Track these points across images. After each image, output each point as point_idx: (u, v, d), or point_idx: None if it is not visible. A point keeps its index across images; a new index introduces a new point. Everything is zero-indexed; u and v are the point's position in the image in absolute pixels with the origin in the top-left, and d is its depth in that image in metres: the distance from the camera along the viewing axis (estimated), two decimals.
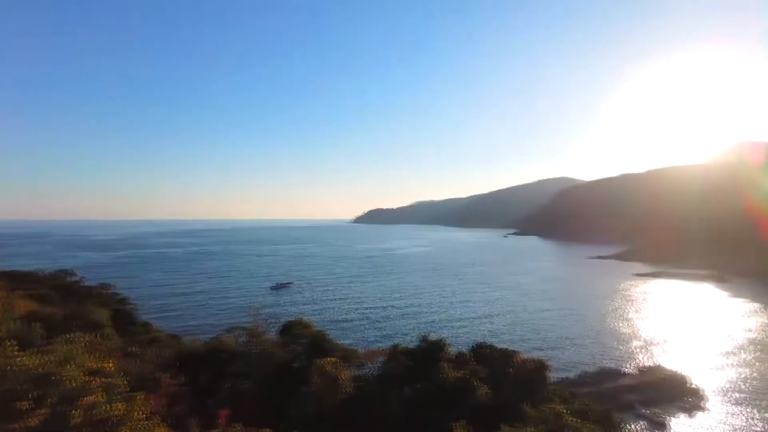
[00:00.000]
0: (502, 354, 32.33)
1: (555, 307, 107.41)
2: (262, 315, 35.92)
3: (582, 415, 25.94)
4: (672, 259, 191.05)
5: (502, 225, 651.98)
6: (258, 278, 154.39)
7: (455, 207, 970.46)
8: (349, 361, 30.18)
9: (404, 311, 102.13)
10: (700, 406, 53.92)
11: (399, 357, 29.30)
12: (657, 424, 48.90)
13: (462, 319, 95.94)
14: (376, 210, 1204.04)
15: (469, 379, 26.20)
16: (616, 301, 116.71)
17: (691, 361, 68.48)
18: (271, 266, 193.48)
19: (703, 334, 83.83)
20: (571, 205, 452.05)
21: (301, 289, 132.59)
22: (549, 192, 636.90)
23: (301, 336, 32.33)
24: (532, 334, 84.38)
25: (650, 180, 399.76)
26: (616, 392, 54.95)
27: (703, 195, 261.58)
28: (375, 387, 26.96)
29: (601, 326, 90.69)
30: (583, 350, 74.91)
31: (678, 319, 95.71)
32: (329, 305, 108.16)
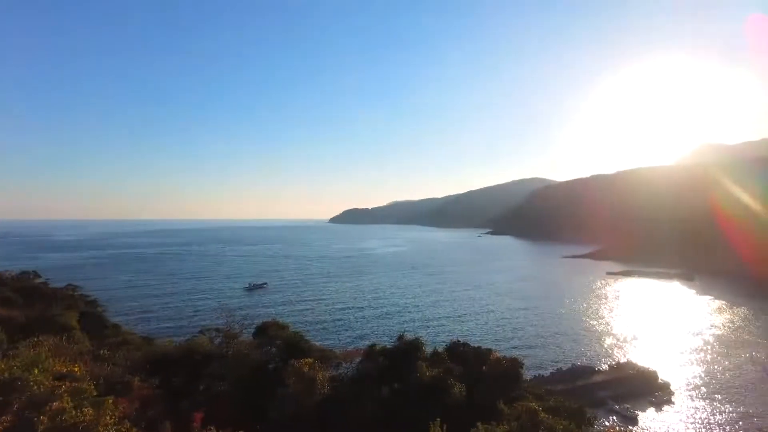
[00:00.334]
0: (477, 352, 32.57)
1: (529, 306, 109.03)
2: (236, 316, 35.41)
3: (556, 411, 26.34)
4: (642, 258, 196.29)
5: (476, 225, 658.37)
6: (232, 279, 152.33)
7: (431, 207, 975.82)
8: (326, 362, 29.95)
9: (381, 311, 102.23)
10: (668, 400, 55.67)
11: (376, 357, 29.23)
12: (628, 418, 50.21)
13: (438, 318, 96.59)
14: (353, 210, 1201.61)
15: (444, 377, 26.32)
16: (589, 299, 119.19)
17: (661, 357, 70.49)
18: (246, 267, 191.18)
19: (672, 331, 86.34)
20: (544, 205, 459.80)
21: (276, 289, 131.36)
22: (522, 192, 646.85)
23: (277, 337, 31.94)
24: (507, 333, 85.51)
25: (620, 181, 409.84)
26: (589, 388, 56.22)
27: (671, 195, 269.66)
28: (352, 387, 26.85)
29: (575, 324, 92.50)
30: (558, 348, 76.30)
31: (648, 317, 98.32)
32: (305, 306, 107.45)
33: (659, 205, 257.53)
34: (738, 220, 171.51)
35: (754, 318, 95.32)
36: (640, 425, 48.74)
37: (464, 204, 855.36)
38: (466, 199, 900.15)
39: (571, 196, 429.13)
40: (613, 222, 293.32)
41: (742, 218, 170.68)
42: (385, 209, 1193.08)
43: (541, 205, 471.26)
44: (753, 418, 48.96)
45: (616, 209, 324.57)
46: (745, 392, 57.02)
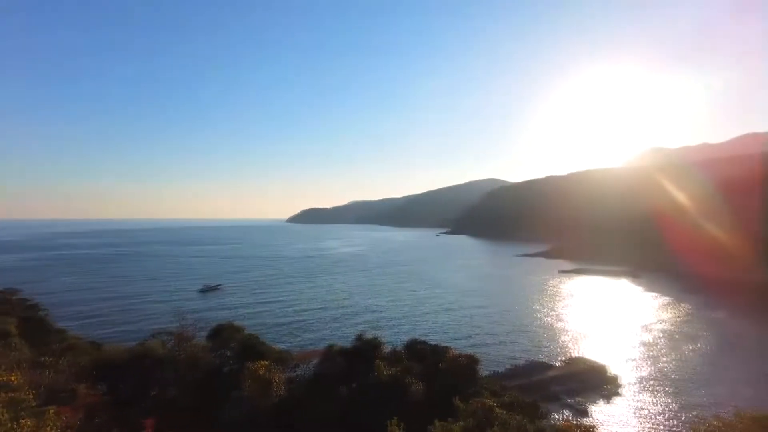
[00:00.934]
0: (435, 350, 32.98)
1: (486, 304, 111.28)
2: (190, 319, 34.41)
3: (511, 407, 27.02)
4: (592, 257, 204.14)
5: (435, 224, 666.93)
6: (185, 280, 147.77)
7: (391, 207, 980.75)
8: (283, 364, 29.59)
9: (340, 312, 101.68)
10: (617, 392, 58.10)
11: (334, 357, 29.13)
12: (580, 411, 52.05)
13: (398, 318, 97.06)
14: (312, 209, 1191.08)
15: (402, 376, 26.52)
16: (542, 296, 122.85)
17: (610, 351, 73.44)
18: (199, 268, 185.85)
19: (621, 327, 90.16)
20: (500, 206, 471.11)
21: (231, 291, 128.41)
22: (479, 193, 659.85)
23: (232, 339, 31.30)
24: (465, 331, 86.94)
25: (572, 182, 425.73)
26: (543, 383, 57.85)
27: (619, 196, 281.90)
28: (309, 388, 26.64)
29: (529, 321, 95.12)
30: (513, 344, 78.19)
31: (598, 313, 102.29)
32: (262, 308, 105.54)
33: (608, 206, 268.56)
34: (677, 220, 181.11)
35: (696, 312, 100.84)
36: (590, 417, 50.54)
37: (423, 204, 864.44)
38: (424, 199, 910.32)
39: (525, 197, 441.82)
40: (565, 222, 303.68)
41: (681, 218, 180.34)
42: (344, 209, 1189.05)
43: (497, 205, 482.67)
44: (695, 407, 51.69)
45: (568, 209, 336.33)
46: (687, 383, 60.23)
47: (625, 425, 48.89)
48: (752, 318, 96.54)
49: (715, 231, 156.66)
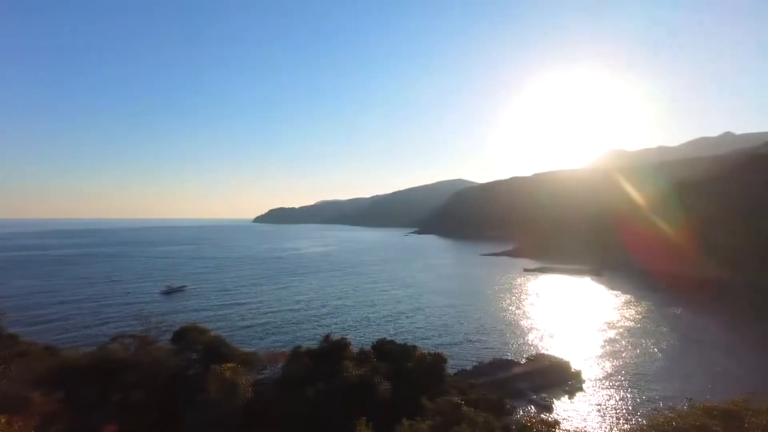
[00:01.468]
0: (403, 349, 33.22)
1: (453, 303, 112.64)
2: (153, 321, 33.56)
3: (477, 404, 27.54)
4: (556, 255, 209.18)
5: (403, 224, 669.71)
6: (149, 282, 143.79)
7: (359, 206, 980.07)
8: (249, 366, 29.25)
9: (309, 313, 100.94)
10: (580, 388, 59.92)
11: (301, 358, 28.97)
12: (544, 407, 53.41)
13: (367, 318, 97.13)
14: (279, 209, 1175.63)
15: (370, 376, 26.64)
16: (507, 295, 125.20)
17: (573, 348, 75.59)
18: (163, 269, 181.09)
19: (584, 323, 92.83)
20: (466, 206, 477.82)
21: (196, 292, 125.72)
22: (446, 193, 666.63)
23: (197, 342, 30.70)
24: (433, 329, 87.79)
25: (536, 182, 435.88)
26: (509, 380, 59.03)
27: (581, 196, 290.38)
28: (276, 390, 26.44)
29: (495, 319, 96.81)
30: (480, 342, 79.46)
31: (562, 311, 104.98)
32: (228, 309, 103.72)
33: (571, 206, 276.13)
34: (635, 219, 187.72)
35: (655, 309, 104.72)
36: (554, 412, 51.89)
37: (392, 204, 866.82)
38: (393, 199, 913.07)
39: (491, 197, 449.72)
40: (530, 221, 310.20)
41: (639, 218, 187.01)
42: (312, 209, 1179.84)
43: (464, 205, 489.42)
44: (654, 401, 53.79)
45: (532, 209, 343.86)
46: (647, 378, 62.62)
47: (588, 419, 50.48)
48: (707, 313, 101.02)
49: (670, 230, 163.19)
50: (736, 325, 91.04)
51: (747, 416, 13.48)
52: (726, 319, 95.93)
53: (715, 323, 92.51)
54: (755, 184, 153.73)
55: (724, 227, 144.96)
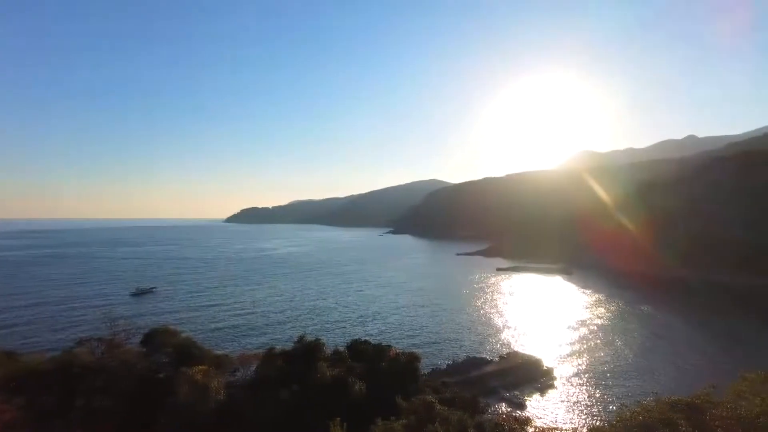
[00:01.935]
0: (377, 349, 33.21)
1: (427, 302, 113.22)
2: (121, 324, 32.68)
3: (451, 402, 27.74)
4: (528, 255, 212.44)
5: (378, 224, 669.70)
6: (117, 283, 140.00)
7: (333, 206, 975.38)
8: (221, 368, 28.80)
9: (283, 315, 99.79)
10: (551, 385, 61.00)
11: (275, 360, 28.66)
12: (517, 405, 54.17)
13: (342, 318, 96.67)
14: (251, 209, 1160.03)
15: (345, 376, 26.53)
16: (481, 294, 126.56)
17: (545, 345, 76.89)
18: (132, 270, 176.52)
19: (554, 321, 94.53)
20: (440, 206, 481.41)
21: (167, 294, 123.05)
22: (421, 193, 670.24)
23: (167, 344, 30.04)
24: (407, 329, 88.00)
25: (509, 183, 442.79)
26: (482, 378, 59.69)
27: (553, 196, 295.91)
28: (249, 392, 26.08)
29: (469, 318, 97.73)
30: (454, 341, 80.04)
31: (534, 309, 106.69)
32: (200, 311, 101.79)
33: (543, 205, 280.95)
34: (605, 219, 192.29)
35: (623, 307, 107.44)
36: (527, 410, 52.65)
37: (366, 204, 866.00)
38: (368, 199, 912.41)
39: (464, 197, 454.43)
40: (503, 221, 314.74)
41: (608, 218, 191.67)
42: (285, 208, 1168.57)
43: (438, 205, 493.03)
44: (623, 396, 55.12)
45: (505, 209, 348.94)
46: (616, 374, 64.16)
47: (559, 416, 51.40)
48: (670, 310, 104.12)
49: (637, 230, 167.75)
50: (697, 321, 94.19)
51: (708, 409, 13.91)
52: (688, 315, 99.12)
53: (678, 320, 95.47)
54: (717, 186, 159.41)
55: (685, 227, 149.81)
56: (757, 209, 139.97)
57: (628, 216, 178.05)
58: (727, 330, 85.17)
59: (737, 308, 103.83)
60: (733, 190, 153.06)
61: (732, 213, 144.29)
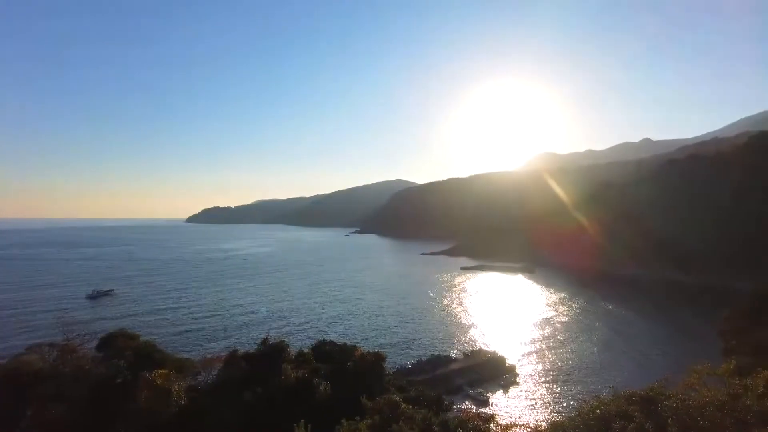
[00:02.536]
0: (342, 350, 33.11)
1: (393, 302, 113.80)
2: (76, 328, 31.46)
3: (416, 401, 27.95)
4: (491, 254, 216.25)
5: (344, 224, 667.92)
6: (73, 286, 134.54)
7: (299, 206, 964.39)
8: (183, 372, 28.13)
9: (248, 317, 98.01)
10: (514, 381, 62.50)
11: (238, 362, 28.16)
12: (481, 402, 55.20)
13: (307, 319, 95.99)
14: (213, 208, 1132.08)
15: (309, 378, 26.36)
16: (446, 293, 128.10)
17: (508, 343, 78.60)
18: (89, 272, 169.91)
19: (517, 319, 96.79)
20: (407, 206, 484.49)
21: (125, 296, 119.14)
22: (387, 193, 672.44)
23: (126, 348, 29.10)
24: (373, 329, 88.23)
25: (473, 183, 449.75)
26: (447, 376, 60.59)
27: (515, 197, 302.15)
28: (211, 396, 25.59)
29: (435, 317, 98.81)
30: (420, 340, 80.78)
31: (497, 307, 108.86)
32: (161, 314, 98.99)
33: (506, 206, 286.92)
34: (565, 219, 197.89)
35: (582, 304, 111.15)
36: (491, 406, 53.75)
37: (333, 204, 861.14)
38: (334, 199, 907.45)
39: (430, 198, 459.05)
40: (467, 220, 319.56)
41: (567, 218, 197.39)
42: (249, 208, 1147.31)
43: (404, 205, 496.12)
44: (584, 391, 56.57)
45: (469, 209, 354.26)
46: (576, 369, 66.31)
47: (521, 412, 52.67)
48: (626, 307, 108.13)
49: (594, 230, 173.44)
50: (653, 317, 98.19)
51: (661, 400, 14.55)
52: (643, 311, 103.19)
53: (634, 316, 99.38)
54: (667, 188, 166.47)
55: (639, 227, 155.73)
56: (702, 210, 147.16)
57: (587, 216, 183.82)
58: (680, 325, 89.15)
59: (688, 304, 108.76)
60: (682, 191, 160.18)
61: (680, 214, 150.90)
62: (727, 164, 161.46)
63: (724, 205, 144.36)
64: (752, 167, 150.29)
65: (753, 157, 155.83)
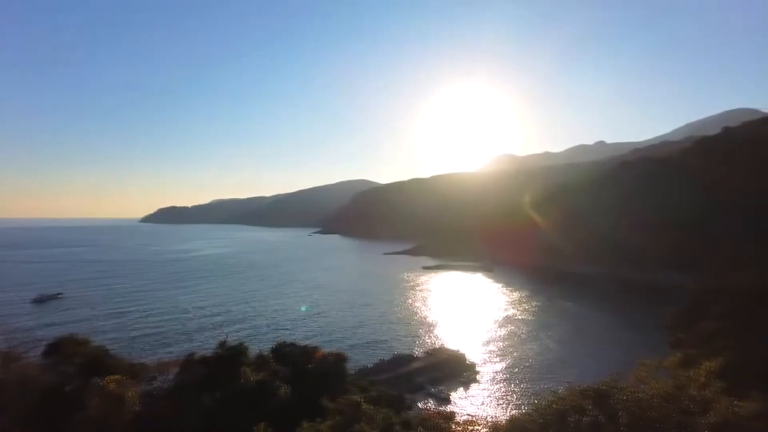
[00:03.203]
0: (303, 351, 32.92)
1: (356, 302, 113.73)
2: (20, 335, 29.97)
3: (378, 401, 28.11)
4: (452, 253, 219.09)
5: (306, 224, 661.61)
6: (17, 290, 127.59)
7: (259, 206, 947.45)
8: (138, 377, 27.29)
9: (207, 321, 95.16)
10: (475, 379, 63.65)
11: (195, 366, 27.52)
12: (442, 400, 55.94)
13: (268, 322, 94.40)
14: (170, 208, 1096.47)
15: (269, 380, 26.09)
16: (408, 292, 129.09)
17: (468, 340, 79.94)
18: (35, 275, 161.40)
19: (477, 316, 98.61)
20: (369, 206, 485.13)
21: (75, 300, 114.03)
22: (349, 193, 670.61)
23: (75, 354, 27.93)
24: (336, 329, 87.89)
25: (434, 184, 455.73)
26: (408, 375, 61.06)
27: (475, 197, 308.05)
28: (167, 401, 24.93)
29: (397, 316, 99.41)
30: (382, 340, 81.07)
31: (457, 305, 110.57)
32: (113, 319, 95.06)
33: (466, 206, 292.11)
34: (522, 220, 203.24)
35: (539, 301, 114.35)
36: (451, 404, 54.53)
37: (294, 203, 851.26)
38: (295, 198, 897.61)
39: (392, 197, 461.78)
40: (429, 221, 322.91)
41: (525, 219, 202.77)
42: (207, 208, 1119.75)
43: (366, 205, 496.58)
44: (542, 387, 58.07)
45: (431, 209, 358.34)
46: (534, 365, 68.14)
47: (481, 408, 53.67)
48: (582, 303, 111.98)
49: (551, 230, 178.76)
50: (605, 313, 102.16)
51: (613, 394, 15.25)
52: (597, 308, 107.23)
53: (588, 312, 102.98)
54: (623, 188, 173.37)
55: (593, 227, 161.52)
56: (651, 210, 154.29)
57: (544, 216, 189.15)
58: (632, 320, 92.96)
59: (639, 300, 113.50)
60: (634, 192, 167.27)
61: (632, 214, 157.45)
62: (674, 167, 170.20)
63: (671, 205, 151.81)
64: (696, 170, 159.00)
65: (697, 160, 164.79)
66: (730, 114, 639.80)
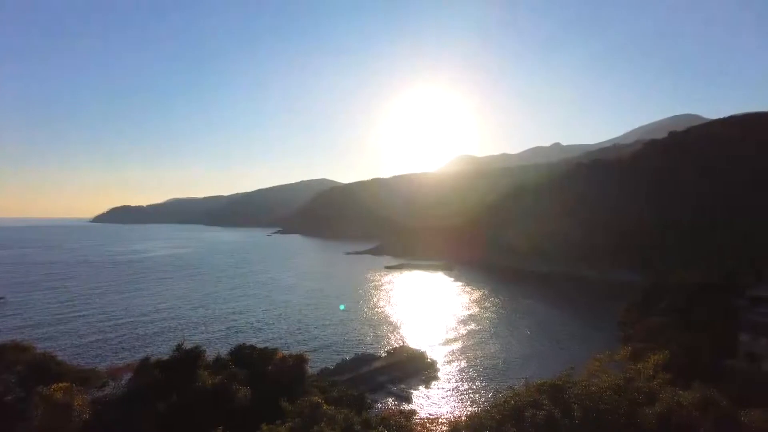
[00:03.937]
0: (263, 353, 32.49)
1: (318, 302, 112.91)
2: None
3: (339, 401, 28.05)
4: (413, 252, 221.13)
5: (266, 224, 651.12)
6: None
7: (217, 206, 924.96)
8: (87, 384, 26.19)
9: (162, 324, 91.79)
10: (435, 376, 64.38)
11: (150, 370, 26.64)
12: (403, 398, 56.32)
13: (227, 325, 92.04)
14: (123, 207, 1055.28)
15: (227, 383, 25.59)
16: (370, 292, 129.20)
17: (428, 339, 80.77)
18: None
19: (437, 315, 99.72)
20: (330, 205, 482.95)
21: (19, 305, 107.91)
22: (310, 192, 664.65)
23: (17, 362, 26.52)
24: (298, 330, 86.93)
25: (395, 183, 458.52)
26: (370, 375, 61.21)
27: (435, 197, 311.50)
28: (120, 408, 24.02)
29: (359, 316, 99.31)
30: (344, 340, 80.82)
31: (418, 303, 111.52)
32: (61, 324, 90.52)
33: (426, 206, 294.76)
34: (480, 219, 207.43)
35: (498, 299, 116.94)
36: (412, 402, 54.98)
37: (253, 203, 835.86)
38: (254, 198, 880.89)
39: (353, 197, 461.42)
40: (390, 220, 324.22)
41: (483, 218, 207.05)
42: (162, 207, 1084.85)
43: (327, 204, 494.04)
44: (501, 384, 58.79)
45: (392, 209, 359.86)
46: (493, 362, 69.56)
47: (442, 406, 54.33)
48: (538, 301, 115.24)
49: (509, 229, 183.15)
50: (562, 310, 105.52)
51: (567, 388, 15.79)
52: (554, 305, 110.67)
53: (545, 309, 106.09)
54: (577, 189, 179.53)
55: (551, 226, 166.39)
56: (604, 210, 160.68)
57: (502, 216, 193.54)
58: (588, 317, 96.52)
59: (594, 297, 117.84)
60: (587, 193, 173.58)
61: (585, 214, 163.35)
62: (625, 168, 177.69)
63: (621, 205, 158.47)
64: (645, 171, 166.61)
65: (646, 162, 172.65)
66: (676, 119, 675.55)
